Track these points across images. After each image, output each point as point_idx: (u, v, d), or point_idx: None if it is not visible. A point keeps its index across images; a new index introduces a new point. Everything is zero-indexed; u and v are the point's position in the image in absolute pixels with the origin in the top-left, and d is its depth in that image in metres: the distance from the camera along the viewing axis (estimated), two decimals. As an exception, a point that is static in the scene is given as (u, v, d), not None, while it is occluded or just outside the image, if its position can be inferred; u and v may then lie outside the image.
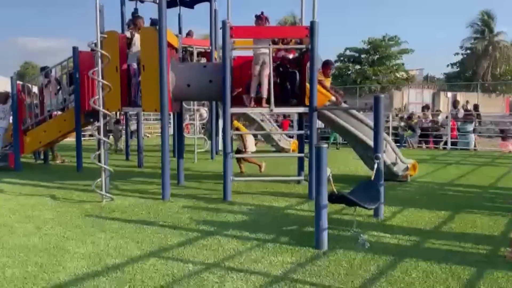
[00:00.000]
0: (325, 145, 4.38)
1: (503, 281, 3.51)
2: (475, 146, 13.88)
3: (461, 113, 14.53)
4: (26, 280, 3.59)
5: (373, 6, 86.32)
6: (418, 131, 14.37)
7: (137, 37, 7.20)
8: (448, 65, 42.86)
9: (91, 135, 14.70)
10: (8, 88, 9.80)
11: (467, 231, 4.92)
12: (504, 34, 39.51)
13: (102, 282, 3.54)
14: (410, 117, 15.24)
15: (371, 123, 6.28)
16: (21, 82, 10.64)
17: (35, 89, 10.47)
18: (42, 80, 9.95)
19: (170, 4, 10.82)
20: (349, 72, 37.85)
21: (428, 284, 3.48)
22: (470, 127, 14.04)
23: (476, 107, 15.11)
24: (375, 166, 5.29)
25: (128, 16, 10.19)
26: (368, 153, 7.28)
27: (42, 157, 11.07)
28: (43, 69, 10.37)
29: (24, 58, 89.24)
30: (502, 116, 23.74)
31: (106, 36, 6.72)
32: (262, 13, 6.94)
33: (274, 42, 7.08)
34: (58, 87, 9.97)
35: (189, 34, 11.39)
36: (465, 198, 6.72)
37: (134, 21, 7.69)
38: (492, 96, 35.80)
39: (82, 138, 14.51)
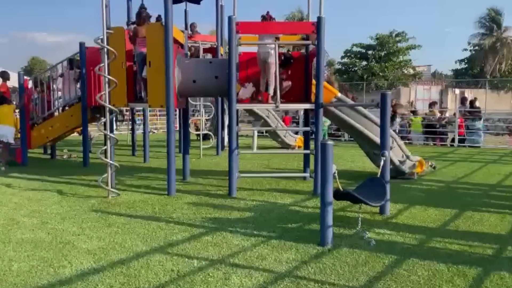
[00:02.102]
0: (331, 142, 4.36)
1: (510, 280, 3.48)
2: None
3: (466, 108, 14.39)
4: (32, 275, 3.62)
5: (381, 1, 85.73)
6: (397, 124, 14.18)
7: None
8: (456, 62, 42.61)
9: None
10: (16, 84, 9.86)
11: (473, 229, 4.88)
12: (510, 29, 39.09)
13: (107, 277, 3.55)
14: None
15: (378, 120, 6.24)
16: (28, 77, 10.70)
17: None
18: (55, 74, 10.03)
19: (177, 0, 10.80)
20: (356, 68, 37.67)
21: (433, 283, 3.46)
22: (479, 124, 13.91)
23: (472, 102, 14.87)
24: (381, 163, 5.26)
25: (134, 12, 10.18)
26: (375, 150, 7.24)
27: (49, 152, 11.14)
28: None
29: (31, 53, 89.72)
30: (511, 113, 23.52)
31: (112, 32, 6.73)
32: (267, 13, 6.94)
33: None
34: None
35: (192, 27, 11.29)
36: (472, 196, 6.66)
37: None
38: (500, 93, 35.46)
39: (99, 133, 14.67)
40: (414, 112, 16.20)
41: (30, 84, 10.42)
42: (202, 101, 12.00)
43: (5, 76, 9.88)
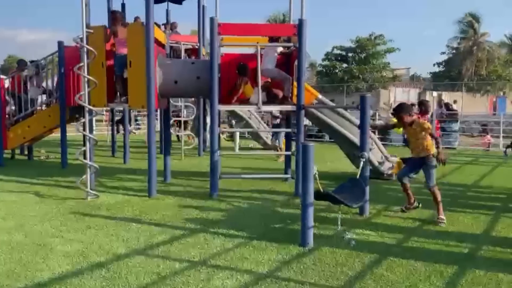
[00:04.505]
0: (312, 144, 4.40)
1: (485, 278, 3.58)
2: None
3: (443, 111, 14.75)
4: (9, 278, 3.54)
5: (361, 5, 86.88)
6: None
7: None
8: (434, 64, 43.49)
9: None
10: None
11: (450, 229, 4.99)
12: (488, 35, 40.11)
13: (86, 280, 3.50)
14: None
15: (357, 121, 6.33)
16: (5, 76, 10.46)
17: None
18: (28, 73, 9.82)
19: (158, 0, 10.74)
20: (336, 71, 38.05)
21: (411, 281, 3.53)
22: (455, 126, 14.24)
23: (447, 105, 15.22)
24: (361, 164, 5.33)
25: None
26: (354, 151, 7.33)
27: (26, 152, 10.90)
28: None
29: (8, 51, 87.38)
30: (486, 116, 24.14)
31: (92, 31, 6.64)
32: None
33: None
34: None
35: (172, 26, 11.20)
36: (448, 197, 6.80)
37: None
38: (476, 96, 36.37)
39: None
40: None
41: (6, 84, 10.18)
42: (183, 102, 11.96)
43: None
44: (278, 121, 11.16)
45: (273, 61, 6.95)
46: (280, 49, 6.96)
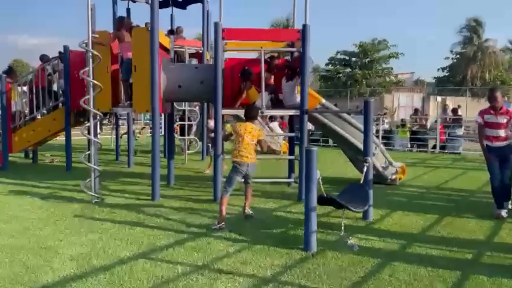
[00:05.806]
0: (316, 148, 4.41)
1: (488, 284, 3.57)
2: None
3: (448, 115, 14.73)
4: (13, 281, 3.56)
5: (366, 7, 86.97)
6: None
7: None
8: (438, 69, 43.45)
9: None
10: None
11: (453, 234, 4.98)
12: (493, 40, 40.03)
13: (90, 284, 3.52)
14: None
15: (361, 126, 6.33)
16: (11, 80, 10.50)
17: (24, 88, 10.32)
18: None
19: (163, 5, 10.80)
20: (340, 75, 38.06)
21: (414, 286, 3.53)
22: (460, 131, 14.21)
23: (454, 110, 15.22)
24: (364, 169, 5.34)
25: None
26: (358, 156, 7.33)
27: (31, 156, 10.96)
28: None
29: (12, 56, 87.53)
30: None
31: (97, 36, 6.69)
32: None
33: None
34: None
35: (177, 31, 11.24)
36: (452, 202, 6.79)
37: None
38: (481, 100, 36.20)
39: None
40: (403, 121, 16.37)
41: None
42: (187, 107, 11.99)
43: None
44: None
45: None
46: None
